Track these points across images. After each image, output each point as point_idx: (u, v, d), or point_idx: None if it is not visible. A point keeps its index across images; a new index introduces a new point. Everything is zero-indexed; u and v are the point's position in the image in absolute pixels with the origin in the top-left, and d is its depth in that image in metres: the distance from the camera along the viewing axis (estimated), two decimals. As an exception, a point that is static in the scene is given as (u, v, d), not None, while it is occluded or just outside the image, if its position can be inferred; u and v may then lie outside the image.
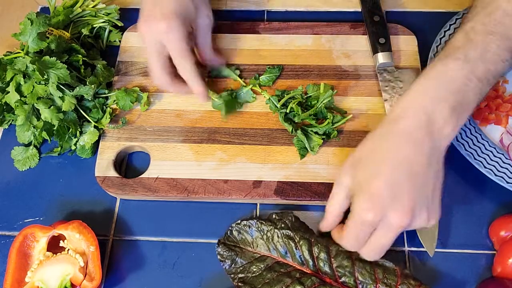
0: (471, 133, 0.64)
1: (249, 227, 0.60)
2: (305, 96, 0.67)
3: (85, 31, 0.73)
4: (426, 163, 0.51)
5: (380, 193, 0.50)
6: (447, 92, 0.51)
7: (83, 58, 0.69)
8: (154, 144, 0.66)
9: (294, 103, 0.65)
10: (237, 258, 0.58)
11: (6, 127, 0.70)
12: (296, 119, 0.65)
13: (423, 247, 0.59)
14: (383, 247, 0.52)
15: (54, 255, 0.58)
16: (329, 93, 0.65)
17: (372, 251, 0.53)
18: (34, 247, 0.59)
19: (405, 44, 0.72)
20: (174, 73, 0.64)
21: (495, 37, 0.52)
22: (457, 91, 0.52)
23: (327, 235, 0.58)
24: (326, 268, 0.56)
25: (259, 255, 0.58)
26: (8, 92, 0.64)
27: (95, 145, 0.67)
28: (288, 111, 0.66)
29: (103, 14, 0.76)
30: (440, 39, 0.70)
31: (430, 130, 0.51)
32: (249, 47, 0.73)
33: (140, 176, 0.64)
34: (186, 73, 0.63)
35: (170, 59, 0.63)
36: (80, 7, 0.75)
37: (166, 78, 0.63)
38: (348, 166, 0.54)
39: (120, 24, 0.77)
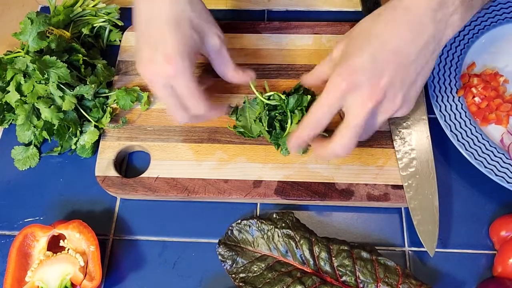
0: (471, 133, 0.64)
1: (250, 226, 0.60)
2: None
3: (85, 31, 0.73)
4: (417, 52, 0.50)
5: (360, 65, 0.49)
6: None
7: (84, 58, 0.69)
8: (154, 143, 0.66)
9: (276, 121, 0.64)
10: (238, 258, 0.58)
11: (7, 126, 0.70)
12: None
13: (423, 247, 0.59)
14: (353, 130, 0.51)
15: (54, 254, 0.58)
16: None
17: (343, 136, 0.52)
18: (34, 246, 0.59)
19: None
20: None
21: None
22: None
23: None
24: (327, 268, 0.56)
25: (259, 255, 0.58)
26: (9, 91, 0.64)
27: (95, 145, 0.67)
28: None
29: (104, 14, 0.76)
30: (441, 39, 0.70)
31: (437, 16, 0.49)
32: (250, 46, 0.73)
33: (140, 176, 0.64)
34: (200, 111, 0.57)
35: None
36: (80, 6, 0.75)
37: (187, 115, 0.58)
38: (343, 38, 0.54)
39: (120, 23, 0.77)
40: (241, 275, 0.57)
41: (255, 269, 0.57)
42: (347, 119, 0.51)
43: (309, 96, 0.64)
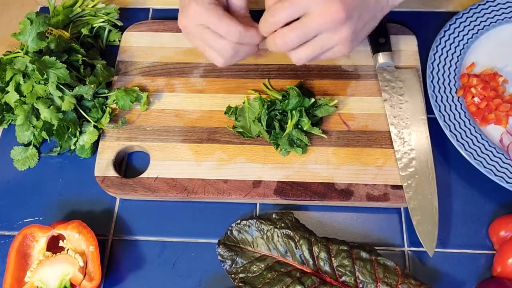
0: (471, 133, 0.64)
1: (249, 226, 0.60)
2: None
3: (84, 31, 0.73)
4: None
5: None
6: None
7: (83, 58, 0.69)
8: (153, 144, 0.66)
9: (276, 121, 0.65)
10: (237, 258, 0.58)
11: (6, 126, 0.70)
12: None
13: (422, 247, 0.59)
14: (298, 32, 0.53)
15: (54, 255, 0.58)
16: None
17: (286, 33, 0.54)
18: (33, 247, 0.59)
19: (405, 44, 0.72)
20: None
21: None
22: None
23: None
24: (327, 268, 0.56)
25: (259, 255, 0.58)
26: (8, 91, 0.64)
27: (95, 145, 0.67)
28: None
29: (103, 14, 0.76)
30: (440, 39, 0.71)
31: None
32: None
33: (140, 176, 0.64)
34: (236, 34, 0.58)
35: None
36: (79, 6, 0.75)
37: (228, 46, 0.59)
38: None
39: (119, 23, 0.77)
40: (241, 275, 0.57)
41: (255, 269, 0.57)
42: (302, 19, 0.53)
43: (312, 99, 0.65)
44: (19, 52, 0.66)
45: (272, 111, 0.65)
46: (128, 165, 0.68)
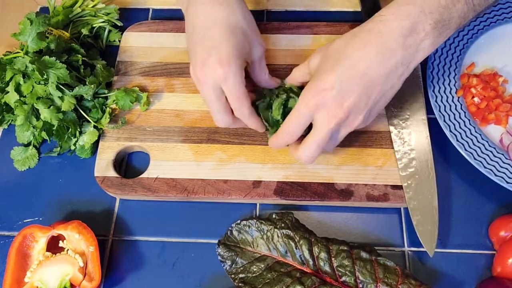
0: (471, 133, 0.64)
1: (249, 227, 0.60)
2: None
3: (84, 31, 0.73)
4: (385, 75, 0.53)
5: (327, 86, 0.53)
6: (434, 5, 0.53)
7: (83, 58, 0.69)
8: (153, 144, 0.66)
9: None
10: (237, 258, 0.58)
11: (6, 127, 0.70)
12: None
13: (422, 247, 0.59)
14: (317, 143, 0.55)
15: (54, 255, 0.58)
16: None
17: (307, 147, 0.56)
18: (33, 247, 0.59)
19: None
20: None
21: None
22: (444, 7, 0.53)
23: None
24: (327, 268, 0.56)
25: (259, 255, 0.58)
26: (8, 92, 0.64)
27: (95, 145, 0.67)
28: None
29: (103, 14, 0.76)
30: (440, 39, 0.71)
31: (407, 41, 0.53)
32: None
33: (140, 176, 0.64)
34: (243, 116, 0.60)
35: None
36: (79, 7, 0.75)
37: (229, 120, 0.61)
38: (319, 51, 0.58)
39: (119, 24, 0.77)
40: (241, 275, 0.57)
41: (255, 269, 0.57)
42: (313, 132, 0.56)
43: None
44: (19, 52, 0.66)
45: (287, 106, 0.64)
46: (128, 165, 0.68)
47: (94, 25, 0.75)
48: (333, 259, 0.57)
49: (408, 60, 0.54)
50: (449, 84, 0.68)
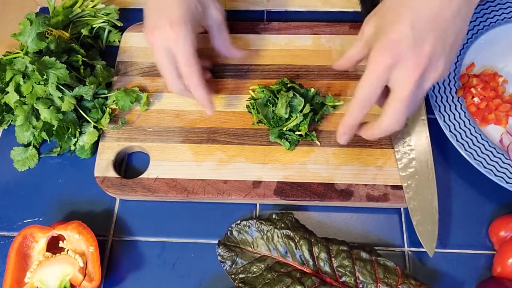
0: (471, 133, 0.64)
1: (249, 227, 0.59)
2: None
3: (84, 31, 0.73)
4: (453, 15, 0.50)
5: (400, 37, 0.49)
6: None
7: (83, 58, 0.69)
8: (153, 144, 0.66)
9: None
10: (237, 259, 0.58)
11: (6, 127, 0.70)
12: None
13: (422, 247, 0.59)
14: (403, 103, 0.51)
15: (54, 255, 0.58)
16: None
17: (393, 110, 0.52)
18: (33, 247, 0.59)
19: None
20: None
21: None
22: None
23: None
24: (327, 268, 0.56)
25: (259, 255, 0.58)
26: (8, 92, 0.64)
27: (95, 146, 0.67)
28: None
29: (103, 14, 0.76)
30: (440, 39, 0.71)
31: None
32: (249, 47, 0.73)
33: (140, 177, 0.64)
34: (191, 83, 0.60)
35: None
36: (79, 7, 0.75)
37: (181, 85, 0.61)
38: (371, 15, 0.54)
39: (119, 24, 0.77)
40: (241, 275, 0.57)
41: (255, 269, 0.57)
42: (395, 92, 0.51)
43: (312, 90, 0.66)
44: (19, 52, 0.66)
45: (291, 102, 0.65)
46: (128, 165, 0.68)
47: (94, 26, 0.75)
48: (333, 259, 0.57)
49: (468, 0, 0.52)
50: (449, 84, 0.68)
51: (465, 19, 0.52)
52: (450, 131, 0.64)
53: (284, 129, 0.64)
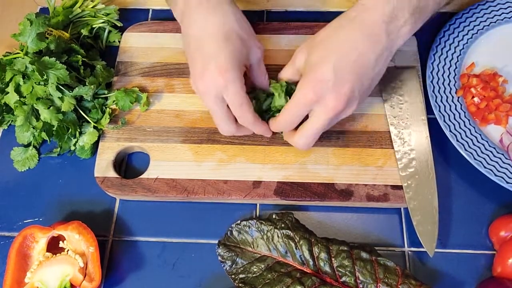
0: (470, 133, 0.64)
1: (249, 227, 0.59)
2: None
3: (84, 32, 0.73)
4: (374, 60, 0.56)
5: (324, 78, 0.54)
6: None
7: (83, 59, 0.69)
8: (153, 144, 0.66)
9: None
10: (237, 259, 0.58)
11: (6, 127, 0.70)
12: None
13: (423, 247, 0.59)
14: (315, 131, 0.57)
15: (54, 255, 0.58)
16: None
17: (305, 135, 0.58)
18: (33, 247, 0.59)
19: (405, 44, 0.72)
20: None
21: None
22: None
23: None
24: (327, 268, 0.56)
25: (259, 255, 0.58)
26: (8, 92, 0.64)
27: (95, 146, 0.67)
28: None
29: (103, 15, 0.76)
30: (440, 39, 0.71)
31: (389, 28, 0.55)
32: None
33: (140, 177, 0.64)
34: (247, 123, 0.60)
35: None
36: (79, 7, 0.75)
37: (233, 128, 0.61)
38: (304, 46, 0.59)
39: (119, 24, 0.77)
40: (241, 275, 0.57)
41: (255, 269, 0.57)
42: (312, 121, 0.57)
43: None
44: (19, 53, 0.66)
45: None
46: (128, 165, 0.68)
47: (94, 26, 0.75)
48: (333, 259, 0.57)
49: (391, 45, 0.57)
50: (449, 84, 0.68)
51: (386, 62, 0.58)
52: (450, 131, 0.64)
53: None
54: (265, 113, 0.64)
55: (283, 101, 0.61)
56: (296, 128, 0.60)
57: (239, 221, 0.60)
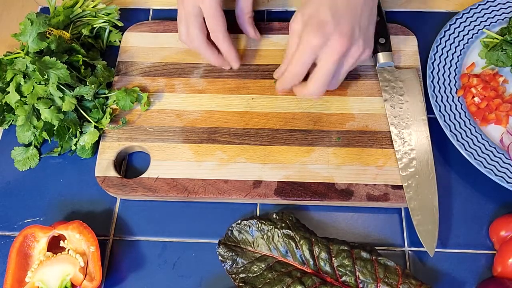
0: (471, 133, 0.64)
1: (250, 227, 0.60)
2: None
3: (85, 31, 0.73)
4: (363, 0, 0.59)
5: (323, 22, 0.57)
6: None
7: (83, 58, 0.69)
8: (154, 144, 0.66)
9: None
10: (238, 258, 0.58)
11: (6, 127, 0.70)
12: None
13: (423, 247, 0.59)
14: (326, 75, 0.59)
15: (54, 255, 0.58)
16: None
17: (317, 81, 0.60)
18: (34, 247, 0.59)
19: (405, 44, 0.72)
20: (210, 39, 0.67)
21: None
22: None
23: None
24: (327, 268, 0.56)
25: (259, 255, 0.58)
26: (8, 92, 0.64)
27: (95, 145, 0.67)
28: None
29: (103, 14, 0.76)
30: (440, 39, 0.71)
31: None
32: (249, 47, 0.73)
33: (140, 176, 0.64)
34: (217, 39, 0.66)
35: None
36: (80, 7, 0.75)
37: (202, 40, 0.66)
38: (296, 14, 0.60)
39: (120, 24, 0.77)
40: (241, 275, 0.57)
41: (255, 269, 0.57)
42: (320, 66, 0.59)
43: None
44: (19, 52, 0.66)
45: None
46: (129, 165, 0.68)
47: (94, 26, 0.75)
48: (333, 259, 0.57)
49: None
50: (449, 84, 0.68)
51: (374, 0, 0.61)
52: (451, 130, 0.64)
53: None
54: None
55: None
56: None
57: (239, 221, 0.60)
